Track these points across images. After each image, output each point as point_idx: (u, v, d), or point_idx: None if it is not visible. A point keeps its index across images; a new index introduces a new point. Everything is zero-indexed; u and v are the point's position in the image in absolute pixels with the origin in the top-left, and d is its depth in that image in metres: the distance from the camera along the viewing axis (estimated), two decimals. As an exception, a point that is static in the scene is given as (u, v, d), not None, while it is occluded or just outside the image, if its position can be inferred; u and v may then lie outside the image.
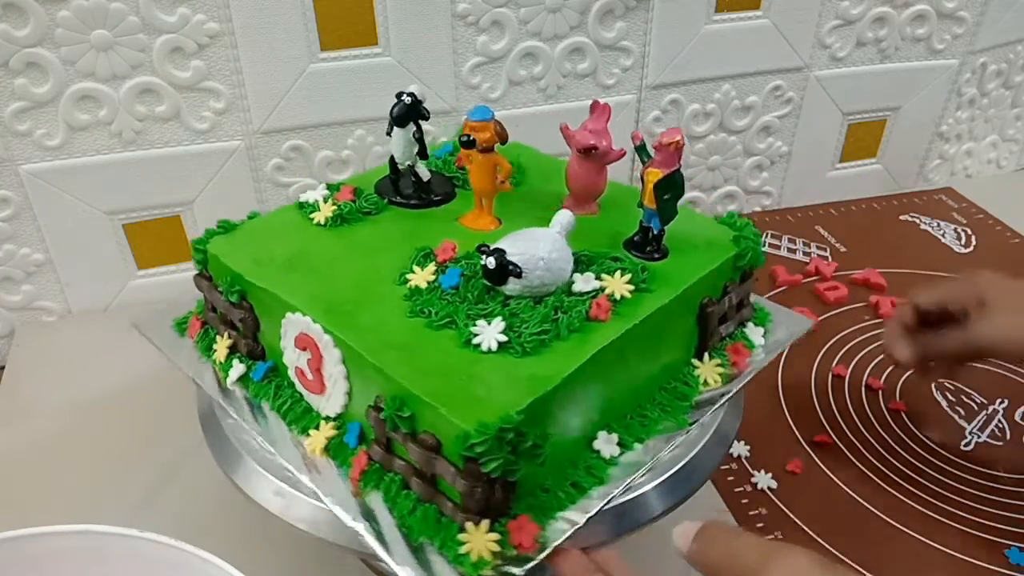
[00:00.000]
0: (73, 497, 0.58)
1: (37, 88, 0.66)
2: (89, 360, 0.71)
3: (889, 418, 0.67)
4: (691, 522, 0.39)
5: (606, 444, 0.43)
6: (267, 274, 0.48)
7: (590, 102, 0.51)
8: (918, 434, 0.65)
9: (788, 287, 0.83)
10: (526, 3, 0.75)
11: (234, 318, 0.50)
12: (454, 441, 0.37)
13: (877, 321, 0.78)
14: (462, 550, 0.38)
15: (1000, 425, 0.66)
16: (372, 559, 0.53)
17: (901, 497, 0.60)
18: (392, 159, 0.54)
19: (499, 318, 0.42)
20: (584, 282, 0.44)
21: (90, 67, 0.66)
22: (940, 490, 0.60)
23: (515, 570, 0.37)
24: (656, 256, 0.48)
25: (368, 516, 0.41)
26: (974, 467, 0.62)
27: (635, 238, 0.49)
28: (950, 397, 0.69)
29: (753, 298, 0.54)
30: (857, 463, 0.63)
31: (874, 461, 0.63)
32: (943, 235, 0.93)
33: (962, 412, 0.68)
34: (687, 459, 0.45)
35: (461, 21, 0.74)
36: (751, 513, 0.59)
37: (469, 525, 0.38)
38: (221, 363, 0.51)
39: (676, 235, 0.49)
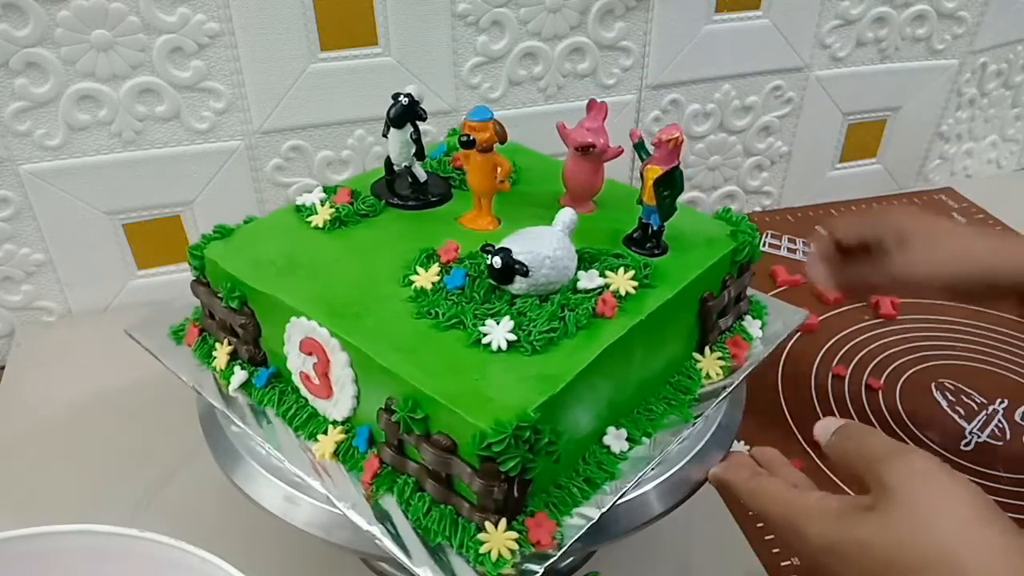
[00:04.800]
0: (73, 497, 0.58)
1: (37, 88, 0.66)
2: (89, 360, 0.71)
3: (889, 418, 0.67)
4: (834, 418, 0.43)
5: (615, 439, 0.44)
6: (268, 278, 0.47)
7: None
8: (918, 434, 0.65)
9: (788, 287, 0.83)
10: (526, 3, 0.75)
11: (235, 324, 0.49)
12: (470, 441, 0.37)
13: (878, 321, 0.78)
14: (482, 549, 0.38)
15: (1000, 425, 0.66)
16: (373, 559, 0.53)
17: (901, 497, 0.60)
18: (388, 160, 0.54)
19: (507, 317, 0.42)
20: (588, 279, 0.45)
21: (90, 67, 0.66)
22: (940, 490, 0.60)
23: (534, 567, 0.38)
24: (656, 252, 0.49)
25: (383, 519, 0.41)
26: (974, 467, 0.62)
27: (635, 235, 0.49)
28: (950, 397, 0.69)
29: (749, 291, 0.55)
30: (857, 463, 0.63)
31: (874, 461, 0.63)
32: (943, 235, 0.93)
33: (962, 412, 0.68)
34: (687, 459, 0.45)
35: (461, 21, 0.74)
36: (751, 513, 0.58)
37: (488, 524, 0.38)
38: (222, 370, 0.50)
39: (674, 231, 0.49)
